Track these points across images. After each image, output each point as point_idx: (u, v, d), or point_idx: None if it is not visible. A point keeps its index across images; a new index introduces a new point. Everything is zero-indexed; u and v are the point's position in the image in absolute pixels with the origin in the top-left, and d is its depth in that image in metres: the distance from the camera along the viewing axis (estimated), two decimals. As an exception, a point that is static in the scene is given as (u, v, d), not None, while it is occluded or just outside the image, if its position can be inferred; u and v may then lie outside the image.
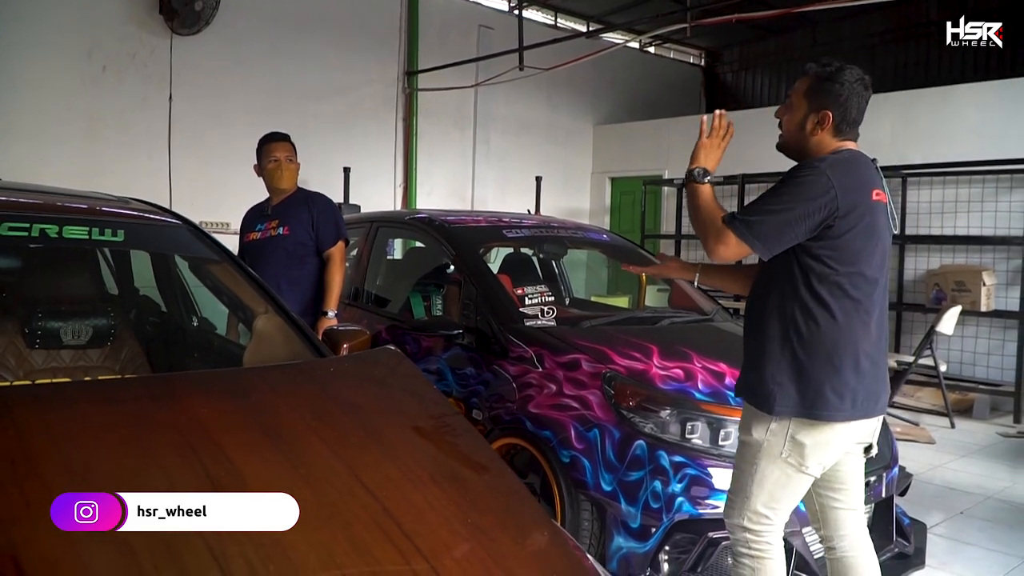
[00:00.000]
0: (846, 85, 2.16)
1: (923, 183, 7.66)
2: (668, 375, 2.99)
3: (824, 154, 2.17)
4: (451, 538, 1.22)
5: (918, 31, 10.03)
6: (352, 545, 1.15)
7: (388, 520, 1.22)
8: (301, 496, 1.22)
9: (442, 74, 8.68)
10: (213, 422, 1.37)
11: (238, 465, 1.26)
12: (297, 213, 3.69)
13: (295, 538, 1.15)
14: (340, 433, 1.49)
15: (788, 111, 2.25)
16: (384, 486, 1.31)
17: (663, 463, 2.77)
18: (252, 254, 3.66)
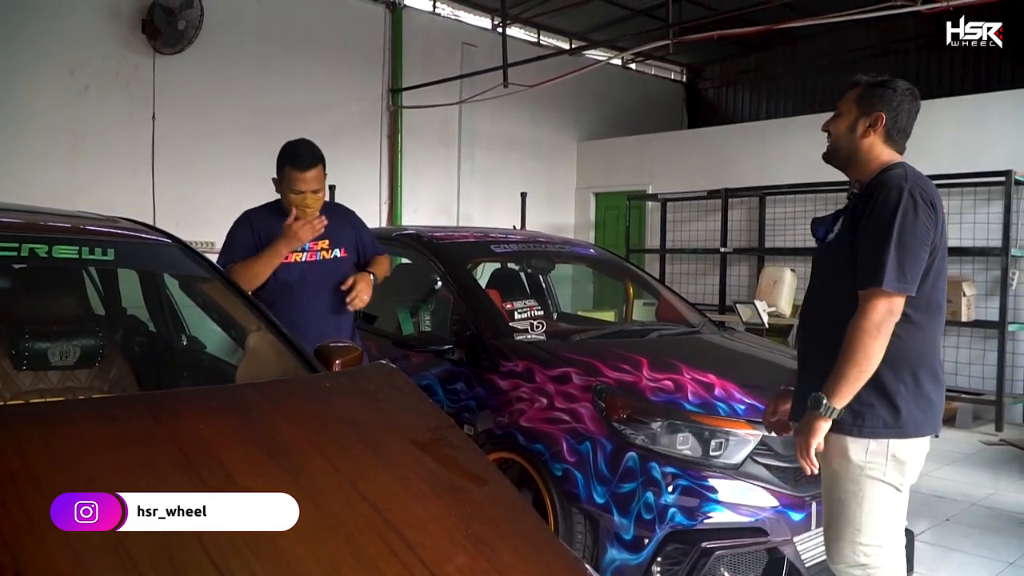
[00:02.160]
0: (898, 92, 2.17)
1: (903, 196, 7.76)
2: (658, 387, 3.01)
3: (875, 162, 2.17)
4: (453, 549, 1.23)
5: (896, 47, 10.20)
6: (355, 557, 1.16)
7: (390, 532, 1.23)
8: (303, 509, 1.23)
9: (426, 91, 8.74)
10: (213, 438, 1.37)
11: (239, 480, 1.26)
12: (342, 231, 3.28)
13: (299, 550, 1.15)
14: (340, 447, 1.50)
15: (836, 120, 2.25)
16: (385, 498, 1.32)
17: (655, 474, 2.79)
18: (292, 277, 3.12)
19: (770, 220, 8.84)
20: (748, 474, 2.83)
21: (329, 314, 3.18)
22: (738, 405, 2.95)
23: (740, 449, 2.86)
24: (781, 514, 2.81)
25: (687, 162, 9.81)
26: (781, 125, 9.61)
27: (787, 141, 8.95)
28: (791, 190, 8.47)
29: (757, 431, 2.86)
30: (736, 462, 2.84)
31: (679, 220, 9.64)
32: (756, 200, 8.90)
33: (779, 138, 9.08)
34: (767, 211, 8.85)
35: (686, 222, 9.60)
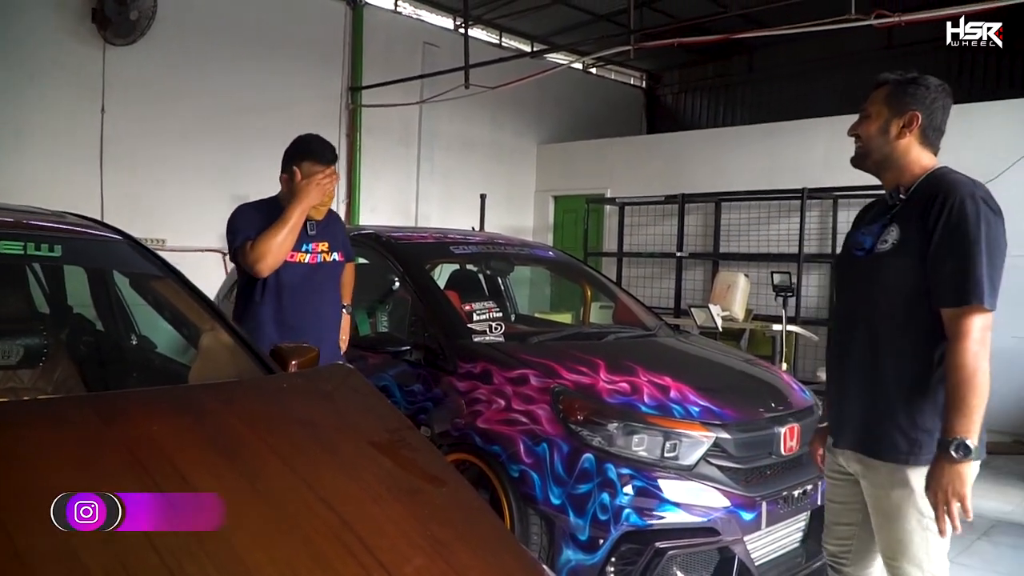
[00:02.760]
0: (931, 89, 2.05)
1: (853, 204, 7.94)
2: (615, 389, 3.03)
3: (916, 165, 2.05)
4: (411, 551, 1.22)
5: (849, 59, 10.44)
6: (313, 559, 1.15)
7: (348, 534, 1.22)
8: (260, 512, 1.21)
9: (386, 90, 8.68)
10: (166, 440, 1.34)
11: (194, 483, 1.24)
12: (335, 233, 3.24)
13: (256, 553, 1.13)
14: (296, 449, 1.48)
15: (865, 122, 2.11)
16: (343, 500, 1.31)
17: (611, 475, 2.81)
18: (296, 278, 3.04)
19: (725, 226, 8.98)
20: (701, 475, 2.87)
21: (330, 317, 3.18)
22: (693, 407, 2.99)
23: (694, 450, 2.89)
24: (732, 514, 2.85)
25: (645, 167, 9.91)
26: (737, 133, 9.78)
27: (743, 149, 9.12)
28: (746, 197, 8.62)
29: (711, 433, 2.91)
30: (690, 463, 2.88)
31: (637, 224, 9.74)
32: (712, 206, 9.04)
33: (735, 145, 9.23)
34: (722, 217, 8.99)
35: (643, 226, 9.70)
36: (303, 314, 3.02)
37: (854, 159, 2.17)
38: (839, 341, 2.15)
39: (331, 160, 3.04)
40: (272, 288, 3.00)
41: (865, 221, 2.18)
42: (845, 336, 2.12)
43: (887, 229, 2.03)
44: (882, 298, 2.00)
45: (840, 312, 2.19)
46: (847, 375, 2.10)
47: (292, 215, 2.89)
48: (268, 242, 2.86)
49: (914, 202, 1.99)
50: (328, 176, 2.99)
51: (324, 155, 3.02)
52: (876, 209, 2.18)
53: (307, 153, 3.03)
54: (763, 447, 3.02)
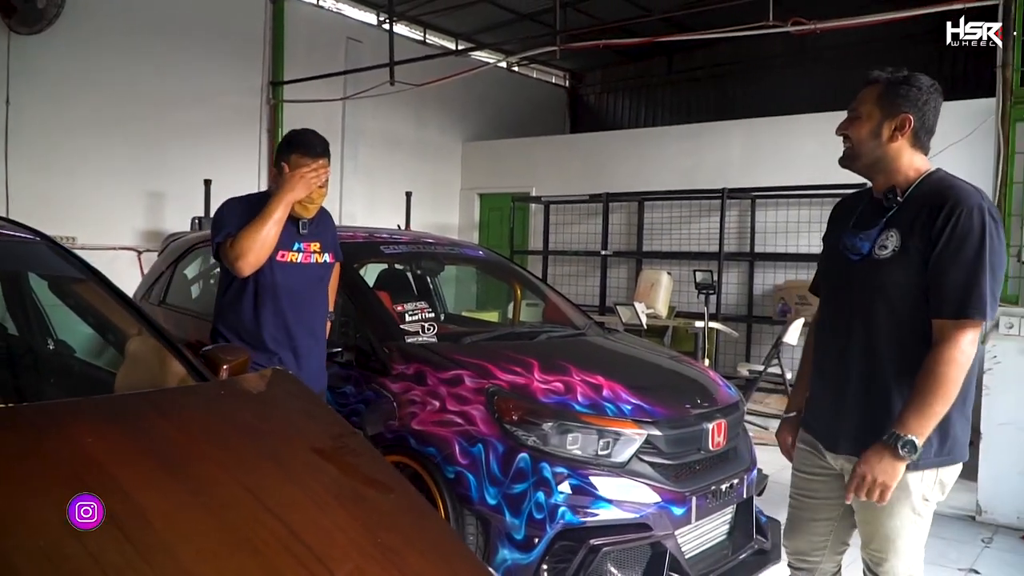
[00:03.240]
0: (923, 89, 1.98)
1: (769, 205, 8.24)
2: (549, 388, 3.06)
3: (910, 169, 2.00)
4: (362, 559, 1.21)
5: (763, 63, 10.79)
6: (264, 571, 1.13)
7: (298, 544, 1.20)
8: (206, 524, 1.18)
9: (309, 86, 8.53)
10: (103, 453, 1.29)
11: (136, 497, 1.20)
12: (326, 233, 3.09)
13: (204, 567, 1.11)
14: (238, 458, 1.44)
15: (855, 122, 2.04)
16: (290, 510, 1.29)
17: (546, 474, 2.84)
18: (287, 277, 2.89)
19: (648, 224, 9.17)
20: (634, 472, 2.93)
21: (320, 321, 3.06)
22: (625, 405, 3.04)
23: (627, 448, 2.95)
24: (664, 509, 2.92)
25: (570, 166, 10.03)
26: (659, 133, 9.99)
27: (664, 149, 9.32)
28: (668, 196, 8.82)
29: (643, 430, 2.96)
30: (623, 460, 2.93)
31: (562, 223, 9.85)
32: (635, 205, 9.22)
33: (657, 146, 9.44)
34: (645, 216, 9.17)
35: (568, 224, 9.82)
36: (295, 318, 2.89)
37: (843, 160, 2.10)
38: (831, 346, 2.09)
39: (320, 153, 2.87)
40: (261, 289, 2.85)
41: (853, 223, 2.09)
42: (839, 341, 2.06)
43: (885, 234, 1.96)
44: (882, 305, 1.95)
45: (831, 316, 2.12)
46: (843, 380, 2.04)
47: (275, 208, 2.74)
48: (249, 238, 2.70)
49: (912, 206, 1.94)
50: (316, 169, 2.83)
51: (313, 147, 2.86)
52: (865, 210, 2.09)
53: (295, 145, 2.88)
54: (692, 443, 3.10)
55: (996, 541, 4.13)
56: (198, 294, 5.06)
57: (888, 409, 1.95)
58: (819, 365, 2.17)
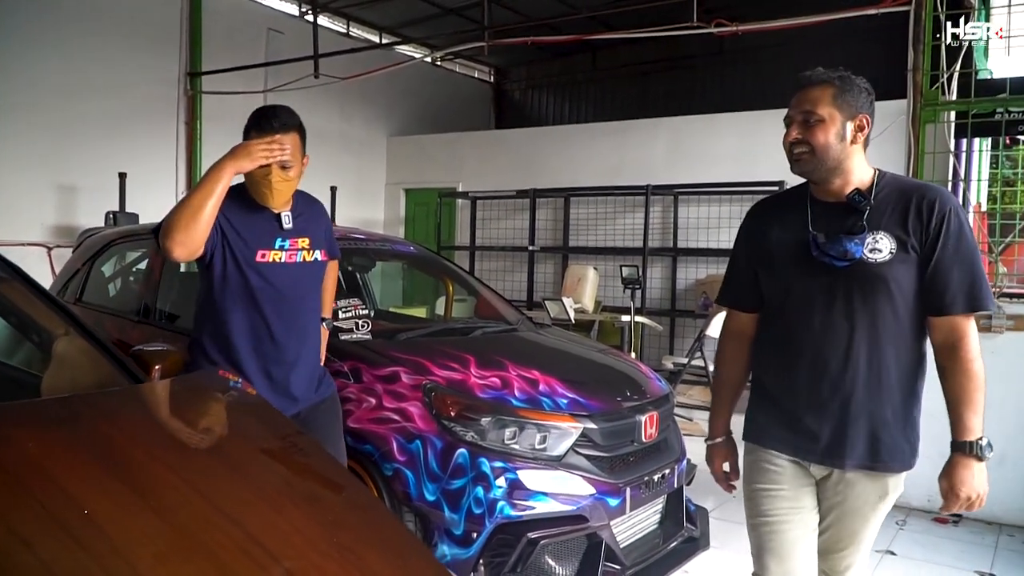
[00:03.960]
0: (870, 90, 1.97)
1: (691, 201, 8.46)
2: (486, 384, 3.08)
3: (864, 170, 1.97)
4: (322, 560, 1.20)
5: (684, 63, 11.06)
6: (222, 575, 1.11)
7: (255, 546, 1.18)
8: (159, 529, 1.15)
9: (229, 77, 8.30)
10: (47, 458, 1.24)
11: (83, 503, 1.16)
12: (316, 227, 2.71)
13: (162, 572, 1.08)
14: (186, 460, 1.41)
15: (818, 127, 1.91)
16: (243, 512, 1.27)
17: (484, 469, 2.86)
18: (269, 280, 2.53)
19: (574, 220, 9.29)
20: (570, 465, 2.98)
21: (312, 330, 2.72)
22: (561, 399, 3.09)
23: (563, 441, 2.99)
24: (599, 501, 2.98)
25: (496, 161, 10.06)
26: (585, 130, 10.13)
27: (590, 145, 9.45)
28: (593, 192, 8.95)
29: (578, 424, 3.02)
30: (559, 454, 2.98)
31: (489, 218, 9.88)
32: (562, 200, 9.32)
33: (583, 142, 9.56)
34: (571, 211, 9.29)
35: (495, 220, 9.85)
36: (281, 327, 2.56)
37: (800, 167, 1.96)
38: (816, 358, 1.95)
39: (274, 128, 2.43)
40: (240, 295, 2.50)
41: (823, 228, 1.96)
42: (832, 351, 1.93)
43: (872, 237, 1.88)
44: (887, 308, 1.89)
45: (813, 329, 1.95)
46: (845, 390, 1.92)
47: (207, 176, 2.34)
48: (176, 212, 2.30)
49: (885, 207, 1.91)
50: (269, 144, 2.39)
51: (265, 123, 2.45)
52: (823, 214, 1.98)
53: (252, 123, 2.50)
54: (626, 435, 3.17)
55: (909, 523, 4.37)
56: (116, 292, 4.88)
57: (895, 412, 1.91)
58: (791, 380, 2.00)
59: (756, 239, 2.11)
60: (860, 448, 1.93)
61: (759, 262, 2.09)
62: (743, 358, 2.22)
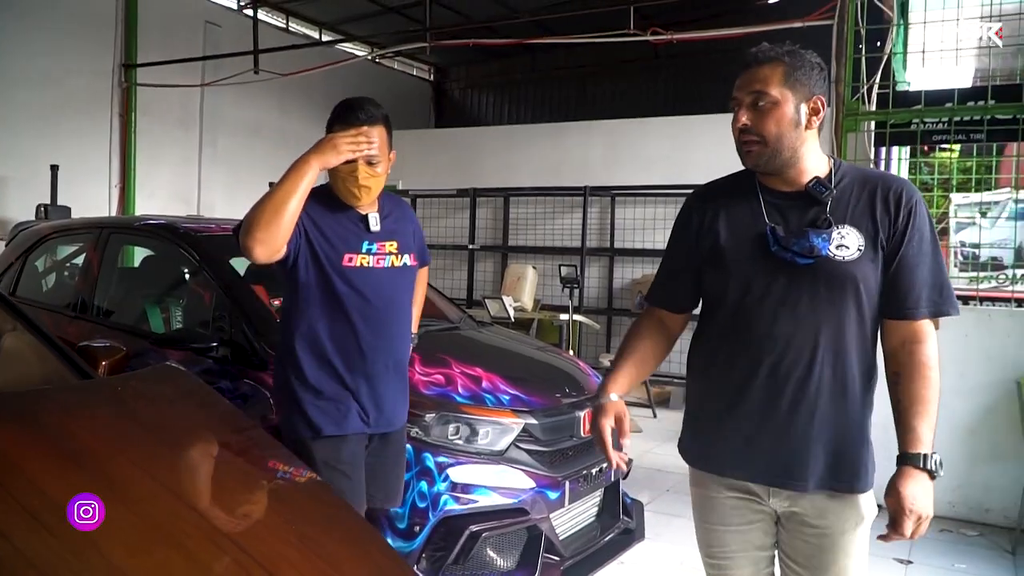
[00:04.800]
0: (822, 67, 1.76)
1: (628, 202, 8.66)
2: (430, 381, 3.16)
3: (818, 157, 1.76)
4: (285, 548, 1.27)
5: (621, 67, 11.28)
6: (189, 562, 1.17)
7: (220, 536, 1.24)
8: (127, 520, 1.20)
9: (165, 69, 8.14)
10: (11, 450, 1.27)
11: (52, 495, 1.20)
12: (404, 229, 2.55)
13: (134, 562, 1.13)
14: (148, 453, 1.45)
15: (770, 112, 1.70)
16: (207, 503, 1.33)
17: (428, 464, 2.94)
18: (356, 285, 2.37)
19: (513, 219, 9.41)
20: (511, 459, 3.08)
21: (400, 340, 2.53)
22: (503, 396, 3.19)
23: (504, 436, 3.09)
24: (540, 494, 3.09)
25: (436, 160, 10.10)
26: (525, 131, 10.25)
27: (530, 146, 9.58)
28: (533, 192, 9.09)
29: (520, 419, 3.12)
30: (501, 449, 3.08)
31: (429, 216, 9.91)
32: (501, 200, 9.44)
33: (523, 142, 9.69)
34: (511, 211, 9.41)
35: (436, 218, 9.90)
36: (370, 337, 2.40)
37: (751, 158, 1.75)
38: (776, 369, 1.72)
39: (360, 120, 2.30)
40: (326, 301, 2.36)
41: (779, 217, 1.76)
42: (789, 362, 1.71)
43: (838, 232, 1.69)
44: (852, 312, 1.70)
45: (772, 335, 1.72)
46: (806, 403, 1.71)
47: (290, 172, 2.21)
48: (254, 211, 2.18)
49: (847, 198, 1.72)
50: (355, 136, 2.27)
51: (351, 115, 2.33)
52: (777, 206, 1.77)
53: (335, 118, 2.39)
54: (565, 430, 3.29)
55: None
56: (50, 287, 4.79)
57: (859, 427, 1.73)
58: (743, 393, 1.75)
59: (699, 232, 1.85)
60: (826, 468, 1.71)
61: (704, 259, 1.83)
62: (660, 345, 1.99)
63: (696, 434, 1.89)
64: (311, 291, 2.34)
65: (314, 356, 2.36)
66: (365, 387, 2.41)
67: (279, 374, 2.46)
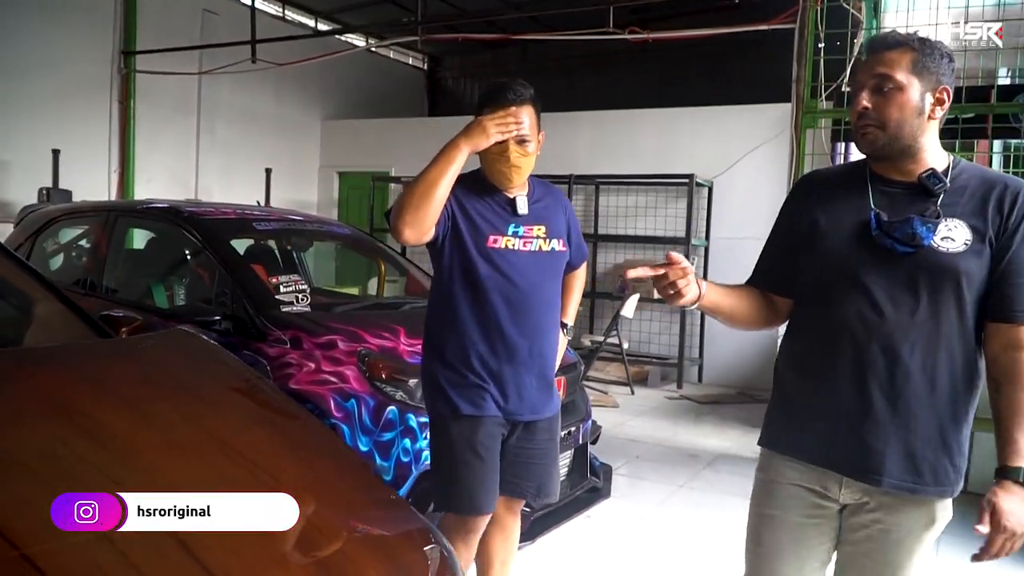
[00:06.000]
0: (952, 58, 1.69)
1: (612, 191, 8.97)
2: (414, 350, 3.48)
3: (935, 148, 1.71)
4: (285, 463, 1.59)
5: (609, 59, 11.55)
6: (208, 468, 1.49)
7: (232, 452, 1.56)
8: (158, 440, 1.52)
9: (164, 56, 8.41)
10: (72, 392, 1.59)
11: (103, 420, 1.52)
12: (558, 219, 2.48)
13: (168, 465, 1.46)
14: (172, 392, 1.77)
15: (893, 96, 1.64)
16: (220, 429, 1.65)
17: (411, 424, 3.27)
18: (500, 268, 2.33)
19: (502, 206, 9.69)
20: (487, 421, 3.40)
21: (549, 330, 2.45)
22: (480, 365, 3.50)
23: (481, 401, 3.41)
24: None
25: (429, 147, 9.96)
26: (513, 119, 10.50)
27: (518, 135, 9.84)
28: (521, 180, 9.37)
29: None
30: (479, 411, 3.39)
31: (420, 202, 10.19)
32: (490, 187, 9.71)
33: (511, 132, 9.94)
34: (499, 198, 9.68)
35: (426, 204, 10.18)
36: (514, 322, 2.33)
37: (867, 142, 1.69)
38: (862, 357, 1.67)
39: (509, 100, 2.29)
40: (469, 283, 2.32)
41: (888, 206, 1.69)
42: (877, 351, 1.66)
43: (945, 224, 1.63)
44: (952, 307, 1.64)
45: (864, 322, 1.67)
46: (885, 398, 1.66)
47: (441, 155, 2.21)
48: (405, 195, 2.21)
49: (961, 193, 1.66)
50: (504, 117, 2.24)
51: (500, 96, 2.30)
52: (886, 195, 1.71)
53: (484, 100, 2.36)
54: (537, 396, 3.60)
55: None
56: (60, 266, 5.09)
57: (943, 427, 1.67)
58: (829, 381, 1.72)
59: (800, 215, 1.81)
60: (906, 465, 1.66)
61: (802, 242, 1.77)
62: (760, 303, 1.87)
63: (776, 418, 1.84)
64: (455, 273, 2.34)
65: (455, 338, 2.36)
66: (507, 372, 2.35)
67: (425, 354, 2.50)
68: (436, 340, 2.43)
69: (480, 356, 2.34)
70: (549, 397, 2.50)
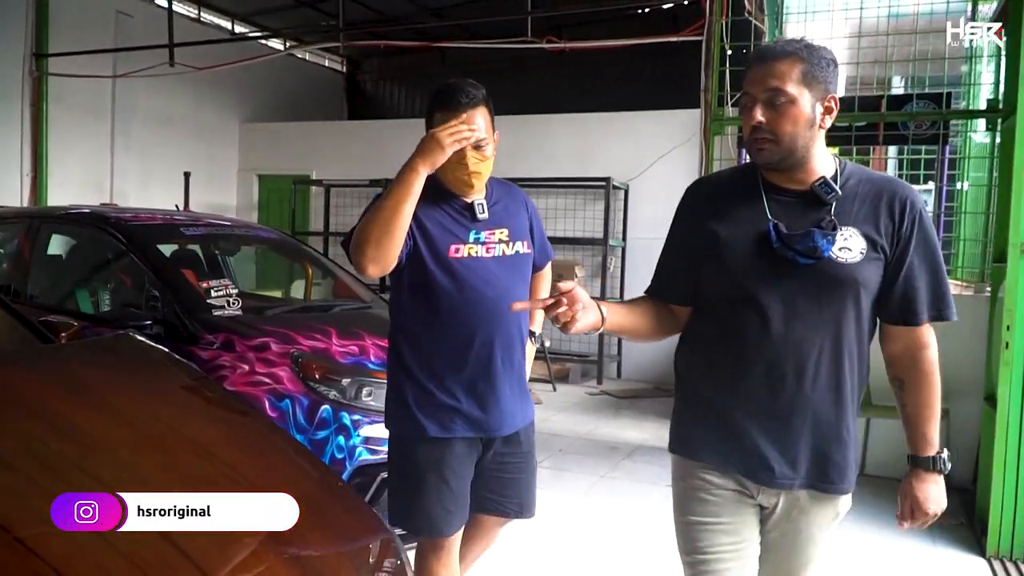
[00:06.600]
0: (835, 62, 1.70)
1: (531, 193, 9.07)
2: (346, 351, 3.64)
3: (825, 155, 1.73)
4: (242, 457, 1.74)
5: (524, 64, 11.83)
6: (171, 460, 1.63)
7: (197, 447, 1.71)
8: (126, 435, 1.66)
9: (78, 59, 8.24)
10: (43, 392, 1.69)
11: (72, 419, 1.63)
12: (516, 216, 2.35)
13: (136, 459, 1.59)
14: (132, 390, 1.89)
15: (786, 108, 1.64)
16: (181, 426, 1.78)
17: (345, 421, 3.43)
18: (465, 278, 2.19)
19: (424, 209, 9.82)
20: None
21: (515, 336, 2.30)
22: (410, 363, 3.68)
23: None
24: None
25: (349, 150, 10.42)
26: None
27: (439, 139, 10.00)
28: (442, 183, 9.53)
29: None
30: (409, 408, 3.56)
31: (343, 205, 10.24)
32: (413, 190, 9.83)
33: (432, 135, 10.09)
34: (421, 201, 9.82)
35: (349, 207, 10.23)
36: (482, 332, 2.20)
37: (763, 156, 1.69)
38: (773, 369, 1.69)
39: (463, 104, 2.15)
40: (435, 296, 2.18)
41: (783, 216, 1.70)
42: (787, 362, 1.68)
43: (842, 235, 1.66)
44: (851, 315, 1.69)
45: (771, 334, 1.69)
46: (797, 407, 1.70)
47: (397, 180, 2.05)
48: (368, 223, 2.04)
49: (852, 199, 1.70)
50: (454, 127, 2.07)
51: (451, 101, 2.16)
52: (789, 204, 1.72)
53: (434, 103, 2.23)
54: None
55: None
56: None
57: (848, 429, 1.74)
58: (740, 391, 1.73)
59: (696, 225, 1.80)
60: (815, 469, 1.73)
61: (702, 254, 1.77)
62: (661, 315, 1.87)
63: (688, 426, 1.84)
64: (416, 288, 2.21)
65: (421, 355, 2.23)
66: (481, 383, 2.22)
67: (390, 374, 2.36)
68: (400, 358, 2.28)
69: (451, 370, 2.20)
70: (526, 404, 2.40)
